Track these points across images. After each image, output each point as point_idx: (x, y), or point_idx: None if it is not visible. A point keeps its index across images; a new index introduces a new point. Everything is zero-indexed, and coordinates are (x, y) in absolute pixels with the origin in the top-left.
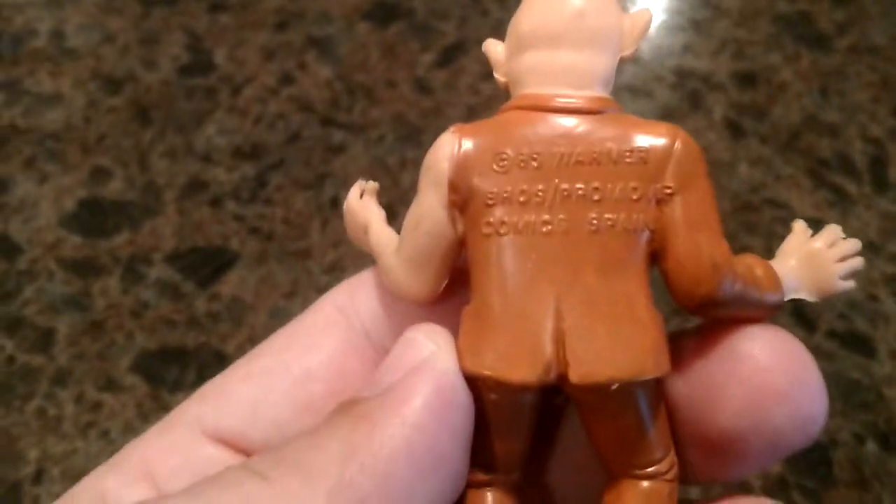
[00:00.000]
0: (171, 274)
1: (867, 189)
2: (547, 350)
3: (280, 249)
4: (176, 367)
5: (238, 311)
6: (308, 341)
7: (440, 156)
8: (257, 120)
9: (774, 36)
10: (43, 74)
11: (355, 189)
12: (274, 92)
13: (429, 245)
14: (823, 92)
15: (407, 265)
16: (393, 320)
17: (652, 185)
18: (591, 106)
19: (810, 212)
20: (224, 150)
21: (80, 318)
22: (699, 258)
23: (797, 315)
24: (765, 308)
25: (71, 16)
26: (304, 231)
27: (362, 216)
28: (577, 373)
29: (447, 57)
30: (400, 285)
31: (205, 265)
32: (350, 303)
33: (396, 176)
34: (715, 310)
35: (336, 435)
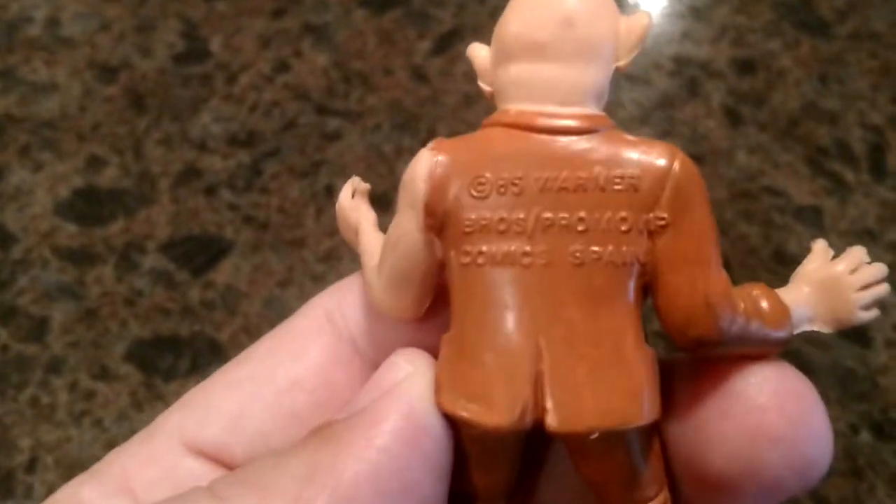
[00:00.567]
0: (166, 262)
1: (865, 177)
2: (523, 393)
3: (275, 238)
4: (170, 356)
5: (232, 300)
6: (294, 349)
7: (417, 175)
8: (253, 108)
9: (774, 22)
10: (38, 63)
11: (347, 188)
12: (270, 79)
13: (407, 268)
14: (823, 79)
15: (387, 285)
16: (380, 330)
17: (643, 216)
18: (580, 125)
19: (808, 199)
20: (219, 138)
21: (75, 307)
22: (692, 296)
23: None
24: (770, 345)
25: (66, 4)
26: (299, 219)
27: (353, 218)
28: (556, 420)
29: (444, 44)
30: (380, 304)
31: (199, 254)
32: (338, 309)
33: (392, 164)
34: (711, 349)
35: (300, 456)
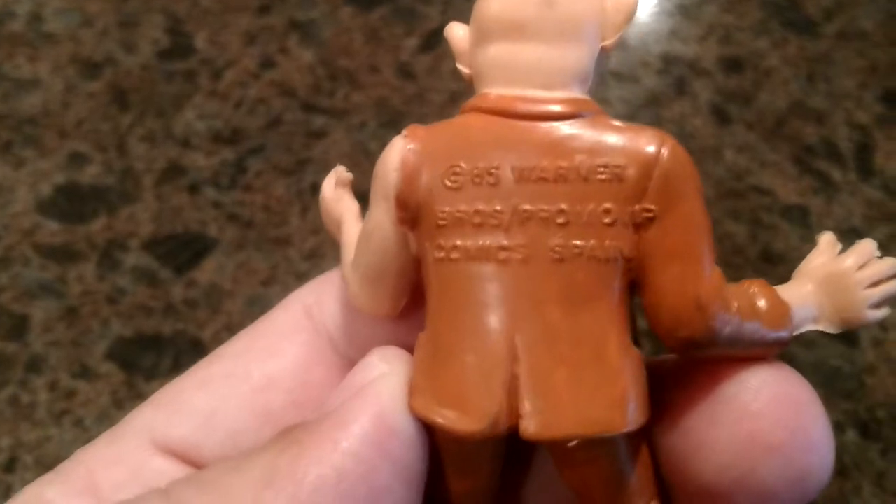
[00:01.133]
0: (149, 260)
1: (852, 176)
2: (497, 398)
3: (259, 236)
4: (152, 355)
5: (216, 298)
6: (271, 346)
7: (388, 164)
8: (237, 104)
9: (762, 21)
10: (20, 59)
11: (330, 178)
12: (255, 76)
13: (381, 263)
14: (810, 78)
15: (361, 281)
16: (359, 328)
17: (629, 207)
18: (562, 110)
19: (795, 198)
20: (203, 135)
21: (56, 305)
22: (681, 295)
23: None
24: (767, 347)
25: None
26: (284, 217)
27: (336, 210)
28: (531, 427)
29: (431, 42)
30: (356, 300)
31: (182, 251)
32: (317, 305)
33: None
34: (702, 351)
35: (260, 458)
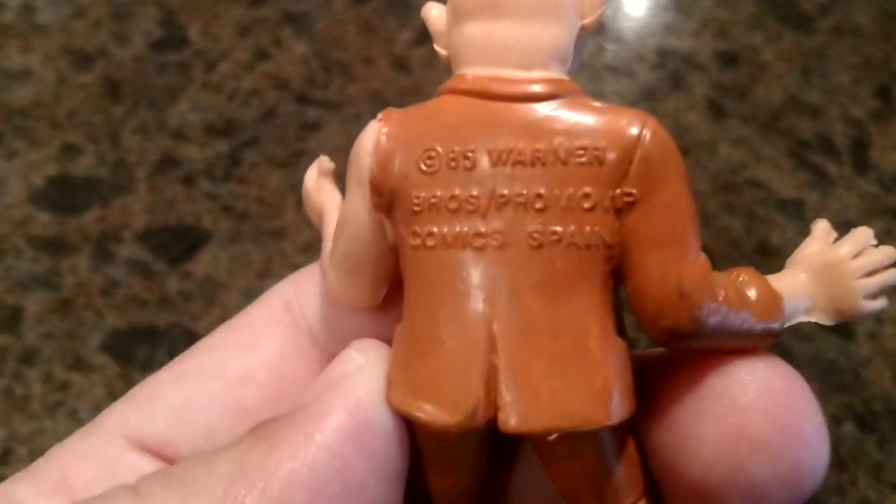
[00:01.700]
0: (143, 252)
1: (847, 170)
2: (474, 390)
3: (254, 228)
4: (146, 347)
5: (210, 291)
6: (248, 340)
7: (362, 149)
8: (231, 96)
9: (757, 16)
10: (12, 50)
11: (312, 169)
12: (248, 68)
13: (357, 252)
14: (805, 73)
15: (338, 271)
16: (339, 321)
17: (609, 192)
18: (540, 91)
19: (791, 192)
20: (197, 127)
21: (49, 297)
22: (663, 283)
23: None
24: (755, 338)
25: None
26: (279, 210)
27: (318, 200)
28: (509, 419)
29: (425, 34)
30: (334, 291)
31: (176, 244)
32: (297, 298)
33: None
34: (688, 342)
35: (231, 453)
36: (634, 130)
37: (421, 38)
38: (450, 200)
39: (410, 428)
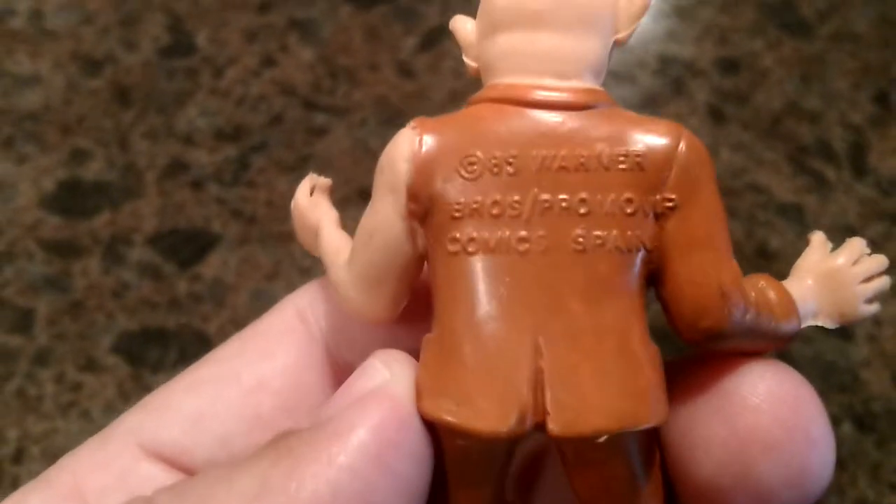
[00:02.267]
0: (152, 255)
1: (846, 175)
2: (522, 394)
3: (262, 232)
4: (157, 348)
5: (219, 293)
6: (262, 348)
7: (398, 156)
8: (239, 102)
9: (757, 23)
10: (22, 55)
11: (304, 185)
12: (256, 74)
13: (383, 261)
14: (804, 79)
15: (358, 282)
16: (354, 331)
17: (650, 197)
18: (579, 99)
19: (790, 197)
20: (205, 132)
21: (61, 299)
22: (705, 284)
23: None
24: (778, 339)
25: None
26: (287, 213)
27: (313, 217)
28: (559, 423)
29: (430, 40)
30: (351, 304)
31: (186, 246)
32: (311, 308)
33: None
34: (721, 343)
35: (251, 470)
36: (672, 140)
37: (425, 45)
38: (492, 206)
39: (435, 444)
